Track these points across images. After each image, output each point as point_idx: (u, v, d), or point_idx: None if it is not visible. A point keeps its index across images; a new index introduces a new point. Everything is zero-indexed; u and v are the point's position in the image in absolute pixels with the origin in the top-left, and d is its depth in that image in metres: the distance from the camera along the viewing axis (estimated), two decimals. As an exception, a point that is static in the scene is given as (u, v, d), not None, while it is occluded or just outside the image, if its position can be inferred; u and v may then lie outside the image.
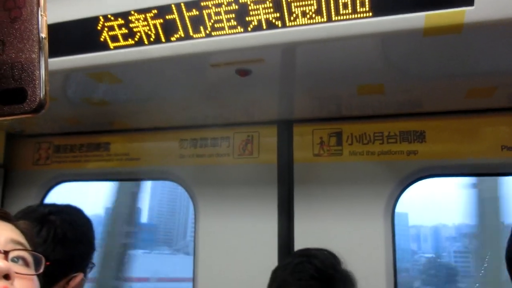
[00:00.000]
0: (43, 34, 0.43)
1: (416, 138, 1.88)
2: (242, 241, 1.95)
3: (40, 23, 0.43)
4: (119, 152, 2.19)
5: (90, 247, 1.27)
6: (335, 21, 1.25)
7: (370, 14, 1.23)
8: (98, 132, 2.22)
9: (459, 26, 1.22)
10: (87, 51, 1.39)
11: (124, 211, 5.07)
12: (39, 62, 0.42)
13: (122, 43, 1.33)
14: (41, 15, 0.43)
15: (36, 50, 0.42)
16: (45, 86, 0.42)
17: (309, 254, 1.38)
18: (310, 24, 1.27)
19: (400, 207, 1.90)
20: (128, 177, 2.30)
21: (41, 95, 0.42)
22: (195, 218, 2.04)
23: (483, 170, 1.90)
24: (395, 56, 1.44)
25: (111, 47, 1.34)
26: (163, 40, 1.30)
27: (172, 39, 1.34)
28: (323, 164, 1.92)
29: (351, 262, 1.40)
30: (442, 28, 1.23)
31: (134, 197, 5.05)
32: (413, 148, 1.87)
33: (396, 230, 1.86)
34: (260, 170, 1.98)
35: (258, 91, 1.66)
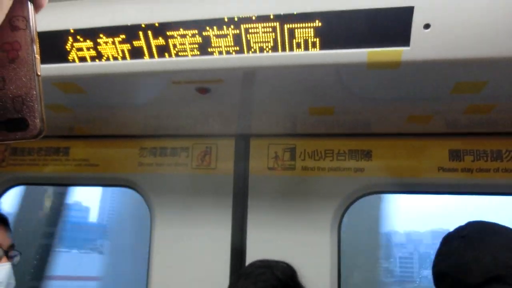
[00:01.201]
0: (38, 72, 0.50)
1: (363, 157, 2.04)
2: (196, 249, 2.02)
3: (35, 63, 0.50)
4: (78, 158, 2.20)
5: None
6: (289, 51, 1.37)
7: (320, 48, 1.36)
8: (58, 137, 2.22)
9: (397, 63, 1.38)
10: (54, 61, 1.43)
11: (46, 211, 5.07)
12: (36, 96, 0.49)
13: (88, 59, 1.39)
14: (35, 56, 0.50)
15: (33, 86, 0.49)
16: (42, 116, 0.49)
17: (270, 265, 1.44)
18: (266, 52, 1.38)
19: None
20: (86, 182, 2.31)
21: (40, 124, 0.49)
22: (151, 226, 2.09)
23: (422, 188, 2.08)
24: (343, 84, 1.58)
25: (77, 61, 1.39)
26: (128, 59, 1.37)
27: (138, 53, 1.41)
28: (276, 177, 2.04)
29: (299, 272, 1.51)
30: (382, 64, 1.38)
31: (61, 197, 5.07)
32: (360, 165, 2.03)
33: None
34: (217, 181, 2.07)
35: (217, 107, 1.75)
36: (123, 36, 1.36)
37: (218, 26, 1.35)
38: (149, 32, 1.35)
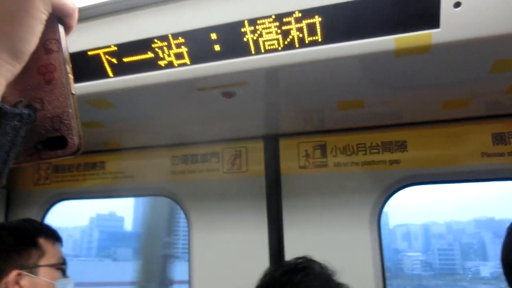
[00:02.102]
0: (73, 91, 0.52)
1: (398, 148, 1.96)
2: (234, 253, 2.02)
3: (69, 83, 0.51)
4: (114, 170, 2.27)
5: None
6: (310, 46, 1.33)
7: (344, 39, 1.31)
8: (94, 152, 2.30)
9: (428, 47, 1.30)
10: (84, 80, 1.47)
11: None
12: (73, 114, 0.51)
13: (114, 74, 1.42)
14: (69, 76, 0.52)
15: (69, 105, 0.51)
16: (79, 133, 0.51)
17: (310, 263, 1.43)
18: (289, 49, 1.35)
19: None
20: (123, 194, 2.37)
21: (78, 140, 0.51)
22: (189, 232, 2.11)
23: (464, 176, 1.98)
24: (371, 74, 1.52)
25: (105, 77, 1.43)
26: (153, 71, 1.39)
27: (161, 64, 1.43)
28: (309, 176, 2.00)
29: (339, 270, 1.47)
30: (411, 49, 1.31)
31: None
32: (395, 157, 1.95)
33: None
34: (249, 183, 2.05)
35: (244, 110, 1.73)
36: (146, 49, 1.38)
37: (237, 30, 1.33)
38: (172, 42, 1.36)
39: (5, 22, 0.45)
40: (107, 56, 1.46)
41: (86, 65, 1.45)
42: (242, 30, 1.34)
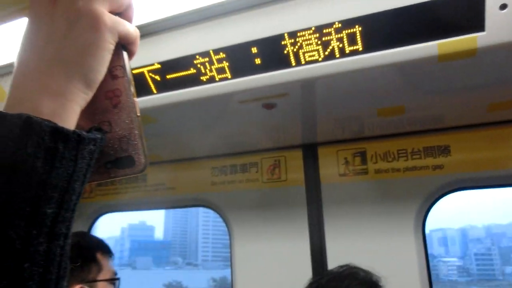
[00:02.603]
0: (138, 113, 0.54)
1: (441, 153, 1.92)
2: (276, 262, 2.02)
3: (134, 105, 0.54)
4: (155, 183, 2.33)
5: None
6: (351, 55, 1.34)
7: (384, 47, 1.30)
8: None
9: (473, 51, 1.28)
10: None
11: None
12: (139, 135, 0.54)
13: (157, 90, 1.47)
14: (133, 99, 0.54)
15: (135, 126, 0.54)
16: (145, 152, 0.54)
17: (355, 269, 1.43)
18: (330, 59, 1.36)
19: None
20: (165, 205, 2.43)
21: (144, 159, 0.53)
22: (230, 242, 2.13)
23: (511, 180, 1.91)
24: (413, 80, 1.50)
25: (147, 94, 1.48)
26: (195, 86, 1.43)
27: (203, 80, 1.47)
28: (349, 183, 1.98)
29: (385, 278, 1.45)
30: (455, 54, 1.29)
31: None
32: (439, 162, 1.91)
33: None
34: (289, 193, 2.06)
35: (283, 120, 1.75)
36: (189, 66, 1.42)
37: (278, 43, 1.35)
38: (213, 57, 1.40)
39: (80, 55, 0.49)
40: (150, 74, 1.52)
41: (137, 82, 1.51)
42: (283, 43, 1.36)
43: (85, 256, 1.48)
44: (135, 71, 1.51)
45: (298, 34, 1.34)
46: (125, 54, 0.56)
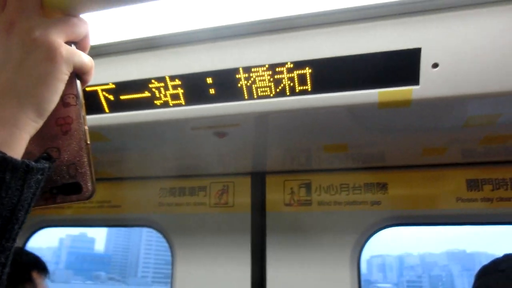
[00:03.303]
0: (88, 141, 0.55)
1: (379, 189, 2.04)
2: (217, 287, 2.03)
3: (84, 133, 0.55)
4: (100, 199, 2.27)
5: None
6: (300, 94, 1.42)
7: (332, 90, 1.41)
8: (81, 180, 2.30)
9: (408, 102, 1.41)
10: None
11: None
12: (87, 162, 0.54)
13: (112, 110, 1.48)
14: (84, 127, 0.55)
15: (84, 154, 0.54)
16: (93, 179, 0.55)
17: None
18: (281, 96, 1.43)
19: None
20: (108, 223, 2.37)
21: (92, 186, 0.54)
22: (172, 263, 2.11)
23: (440, 220, 2.06)
24: (356, 122, 1.61)
25: (102, 113, 1.48)
26: (150, 109, 1.46)
27: (157, 104, 1.49)
28: (293, 213, 2.06)
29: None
30: (393, 102, 1.41)
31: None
32: (377, 198, 2.03)
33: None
34: (235, 218, 2.09)
35: (233, 148, 1.80)
36: (144, 89, 1.44)
37: (232, 76, 1.41)
38: (168, 83, 1.43)
39: (34, 85, 0.50)
40: (104, 93, 1.52)
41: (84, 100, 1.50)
42: (237, 76, 1.42)
43: (21, 276, 1.42)
44: (88, 88, 1.50)
45: (252, 70, 1.40)
46: (78, 83, 0.57)
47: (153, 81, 1.46)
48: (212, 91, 1.45)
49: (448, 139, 1.75)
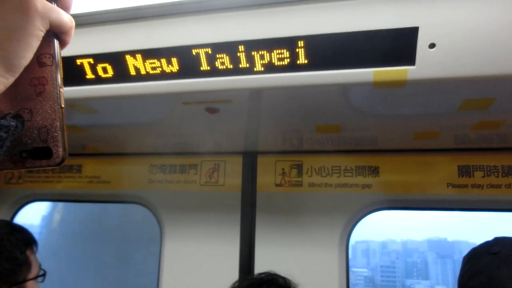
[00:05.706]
0: (62, 104, 0.53)
1: (371, 173, 2.04)
2: (205, 265, 2.03)
3: (59, 96, 0.53)
4: (90, 175, 2.25)
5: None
6: (296, 71, 1.40)
7: (326, 68, 1.38)
8: (71, 155, 2.27)
9: (403, 82, 1.39)
10: (68, 84, 1.48)
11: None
12: (60, 127, 0.52)
13: (102, 81, 1.44)
14: (60, 90, 0.53)
15: (57, 118, 0.52)
16: (65, 145, 0.53)
17: (274, 276, 1.50)
18: (274, 72, 1.41)
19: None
20: (98, 199, 2.35)
21: (63, 152, 0.52)
22: (161, 241, 2.11)
23: (431, 205, 2.07)
24: (349, 102, 1.60)
25: (91, 84, 1.44)
26: (141, 81, 1.42)
27: (150, 76, 1.46)
28: (284, 194, 2.05)
29: (305, 285, 1.52)
30: (388, 82, 1.40)
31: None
32: (368, 181, 2.03)
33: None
34: (225, 197, 2.09)
35: (225, 126, 1.78)
36: (136, 59, 1.41)
37: (227, 50, 1.38)
38: (162, 55, 1.40)
39: (4, 38, 0.47)
40: (95, 64, 1.48)
41: (73, 70, 1.46)
42: (231, 50, 1.39)
43: (17, 260, 1.40)
44: (80, 60, 1.47)
45: (246, 45, 1.37)
46: (56, 43, 0.54)
47: (145, 53, 1.43)
48: (205, 65, 1.42)
49: (441, 123, 1.74)
